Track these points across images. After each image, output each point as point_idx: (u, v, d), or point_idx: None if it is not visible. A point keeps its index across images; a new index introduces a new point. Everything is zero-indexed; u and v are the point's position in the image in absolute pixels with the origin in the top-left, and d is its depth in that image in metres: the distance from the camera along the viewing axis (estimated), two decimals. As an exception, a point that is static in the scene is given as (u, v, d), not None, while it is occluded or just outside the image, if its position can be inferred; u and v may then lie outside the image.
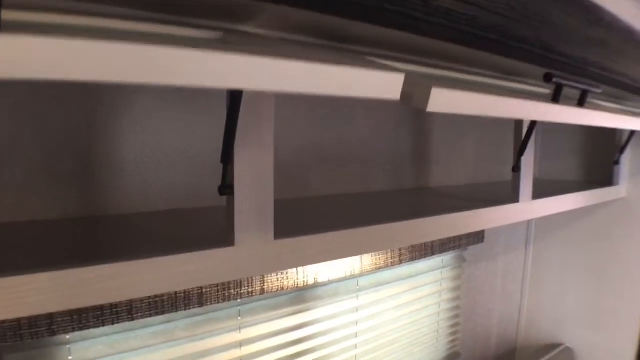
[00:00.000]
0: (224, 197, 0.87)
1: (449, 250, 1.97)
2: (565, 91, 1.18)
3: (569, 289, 2.63)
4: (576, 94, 1.28)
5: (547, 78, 1.04)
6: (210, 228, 1.02)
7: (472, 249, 2.30)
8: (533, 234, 2.74)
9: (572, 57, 1.29)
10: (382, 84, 0.64)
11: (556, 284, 2.68)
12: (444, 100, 0.71)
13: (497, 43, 1.04)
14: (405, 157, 1.83)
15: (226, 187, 0.85)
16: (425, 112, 0.73)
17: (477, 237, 2.08)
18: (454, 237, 1.92)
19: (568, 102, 1.19)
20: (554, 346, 2.58)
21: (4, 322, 1.02)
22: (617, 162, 2.24)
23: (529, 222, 2.73)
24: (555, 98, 1.06)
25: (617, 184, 2.26)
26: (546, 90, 1.51)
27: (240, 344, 1.49)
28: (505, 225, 2.53)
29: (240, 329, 1.49)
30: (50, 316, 1.08)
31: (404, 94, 0.69)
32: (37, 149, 1.04)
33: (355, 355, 1.85)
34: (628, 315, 2.41)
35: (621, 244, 2.41)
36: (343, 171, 1.61)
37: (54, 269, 0.68)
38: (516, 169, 1.52)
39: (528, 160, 1.54)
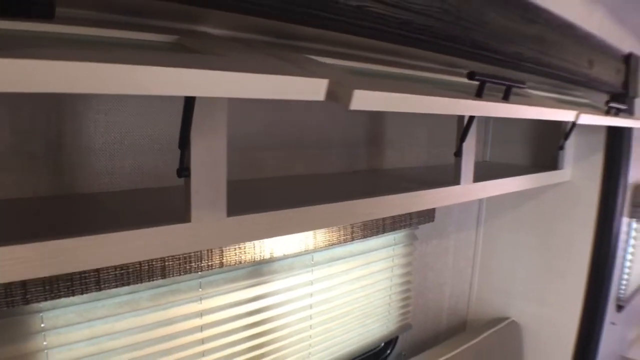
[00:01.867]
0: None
1: (400, 229, 2.09)
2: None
3: (516, 266, 2.79)
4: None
5: (470, 76, 1.16)
6: (172, 206, 1.13)
7: (424, 228, 2.44)
8: (484, 215, 2.89)
9: (506, 54, 1.42)
10: (309, 88, 0.76)
11: (505, 262, 2.84)
12: (366, 100, 0.83)
13: (431, 43, 1.16)
14: (360, 140, 1.95)
15: (183, 170, 0.96)
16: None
17: (427, 216, 2.21)
18: (405, 216, 2.05)
19: (496, 97, 1.31)
20: (501, 319, 2.75)
21: (-19, 291, 1.11)
22: (561, 148, 2.38)
23: (479, 203, 2.87)
24: (479, 93, 1.18)
25: (562, 168, 2.40)
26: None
27: (201, 314, 1.61)
28: (456, 206, 2.68)
29: (201, 299, 1.60)
30: (24, 286, 1.17)
31: (331, 94, 0.81)
32: (11, 133, 1.13)
33: (310, 326, 1.98)
34: (571, 291, 2.57)
35: (565, 224, 2.57)
36: (299, 154, 1.72)
37: (29, 242, 0.79)
38: (458, 154, 1.64)
39: (469, 146, 1.66)
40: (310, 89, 0.77)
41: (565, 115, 1.58)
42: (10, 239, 0.78)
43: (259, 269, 1.75)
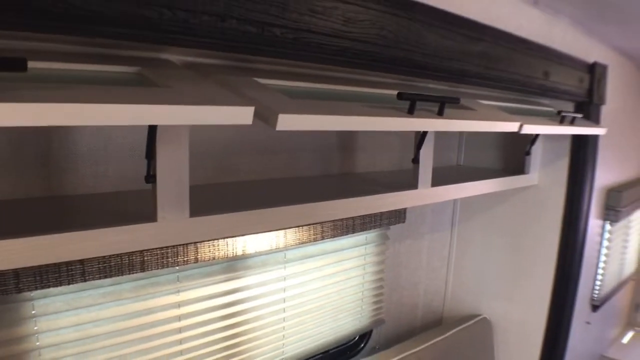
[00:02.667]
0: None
1: (370, 229, 2.28)
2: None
3: (488, 266, 2.98)
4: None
5: (399, 96, 1.34)
6: (146, 207, 1.32)
7: (396, 229, 2.62)
8: (458, 216, 3.07)
9: (450, 70, 1.61)
10: (239, 115, 0.96)
11: (478, 262, 3.03)
12: (290, 122, 1.03)
13: (370, 66, 1.35)
14: (333, 145, 2.14)
15: (150, 177, 1.15)
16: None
17: (398, 217, 2.39)
18: (374, 217, 2.23)
19: (432, 112, 1.50)
20: (473, 316, 2.93)
21: (-23, 280, 1.30)
22: (528, 153, 2.57)
23: (454, 205, 3.06)
24: (410, 111, 1.37)
25: (528, 172, 2.59)
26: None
27: (179, 305, 1.80)
28: (429, 208, 2.87)
29: (179, 292, 1.79)
30: (17, 276, 1.35)
31: (261, 117, 1.00)
32: (5, 141, 1.32)
33: (284, 318, 2.17)
34: (539, 290, 2.76)
35: (534, 226, 2.75)
36: (272, 159, 1.91)
37: (20, 236, 0.98)
38: (415, 160, 1.83)
39: (427, 153, 1.84)
40: (241, 115, 0.96)
41: (508, 126, 1.76)
42: (3, 234, 0.97)
43: (233, 265, 1.94)
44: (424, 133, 1.78)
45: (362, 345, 2.66)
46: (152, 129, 1.08)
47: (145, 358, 1.75)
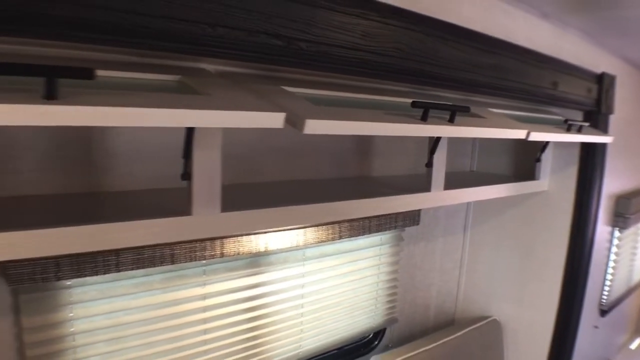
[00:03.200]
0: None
1: (385, 230, 2.41)
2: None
3: (499, 269, 3.10)
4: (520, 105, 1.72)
5: (413, 105, 1.48)
6: (179, 203, 1.45)
7: (411, 231, 2.75)
8: (470, 220, 3.20)
9: (461, 81, 1.74)
10: (269, 119, 1.10)
11: (489, 264, 3.15)
12: (316, 126, 1.16)
13: (388, 76, 1.49)
14: (350, 150, 2.28)
15: (186, 175, 1.29)
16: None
17: (412, 219, 2.52)
18: (390, 219, 2.36)
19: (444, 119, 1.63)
20: (484, 318, 3.05)
21: (22, 268, 1.43)
22: (538, 160, 2.69)
23: (467, 209, 3.19)
24: (424, 118, 1.50)
25: (538, 178, 2.70)
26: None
27: (205, 296, 1.94)
28: (443, 212, 3.00)
29: (205, 284, 1.93)
30: (57, 265, 1.49)
31: (290, 122, 1.14)
32: (49, 140, 1.46)
33: (302, 313, 2.30)
34: (547, 292, 2.87)
35: (543, 230, 2.87)
36: (293, 161, 2.04)
37: (63, 226, 1.11)
38: (429, 164, 1.95)
39: (440, 158, 1.96)
40: (271, 119, 1.10)
41: (516, 133, 1.89)
42: (47, 224, 1.10)
43: (256, 261, 2.08)
44: (437, 139, 1.90)
45: (376, 342, 2.79)
46: (190, 132, 1.22)
47: (172, 346, 1.89)
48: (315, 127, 1.17)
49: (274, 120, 1.12)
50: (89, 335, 1.69)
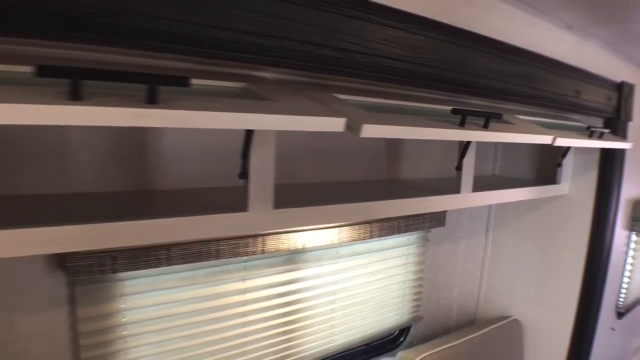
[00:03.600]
0: (235, 179, 1.43)
1: (413, 231, 2.53)
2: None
3: (519, 270, 3.22)
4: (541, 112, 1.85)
5: (453, 112, 1.61)
6: (228, 200, 1.57)
7: (436, 232, 2.87)
8: (492, 223, 3.31)
9: (495, 89, 1.86)
10: (333, 124, 1.23)
11: (510, 266, 3.27)
12: (371, 131, 1.29)
13: (430, 85, 1.61)
14: (381, 154, 2.40)
15: (243, 174, 1.41)
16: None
17: (438, 221, 2.64)
18: (417, 220, 2.49)
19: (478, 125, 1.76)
20: (505, 318, 3.16)
21: (80, 261, 1.56)
22: (559, 165, 2.80)
23: (488, 212, 3.31)
24: (462, 123, 1.63)
25: (559, 183, 2.82)
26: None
27: (245, 291, 2.07)
28: (466, 214, 3.12)
29: (245, 279, 2.06)
30: (113, 258, 1.62)
31: (348, 127, 1.27)
32: (107, 143, 1.59)
33: (333, 309, 2.43)
34: (567, 294, 2.98)
35: (563, 233, 2.98)
36: (329, 164, 2.17)
37: (119, 220, 1.23)
38: (459, 167, 2.07)
39: (469, 161, 2.08)
40: (334, 124, 1.23)
41: (543, 138, 2.01)
42: (106, 219, 1.22)
43: (293, 258, 2.21)
44: (467, 143, 2.02)
45: (402, 339, 2.92)
46: (249, 135, 1.35)
47: (214, 338, 2.02)
48: (370, 131, 1.30)
49: (336, 124, 1.24)
50: (139, 325, 1.82)
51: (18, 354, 1.58)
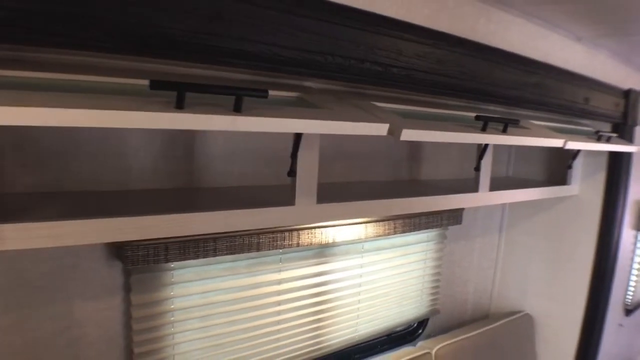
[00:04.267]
0: (275, 178, 1.65)
1: (432, 228, 2.74)
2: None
3: (531, 267, 3.45)
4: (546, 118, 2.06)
5: (476, 118, 1.83)
6: (274, 196, 1.78)
7: (453, 230, 3.09)
8: (506, 222, 3.53)
9: (511, 97, 2.08)
10: (377, 129, 1.46)
11: (522, 263, 3.50)
12: (410, 135, 1.52)
13: (454, 94, 1.84)
14: (403, 156, 2.63)
15: (292, 172, 1.63)
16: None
17: (456, 219, 2.85)
18: (436, 218, 2.69)
19: (498, 129, 1.98)
20: (517, 312, 3.38)
21: (138, 251, 1.75)
22: (570, 167, 3.02)
23: (502, 211, 3.53)
24: (484, 128, 1.85)
25: (570, 184, 3.03)
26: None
27: (280, 281, 2.28)
28: (481, 213, 3.33)
29: (280, 270, 2.28)
30: (166, 249, 1.82)
31: (390, 131, 1.49)
32: (160, 144, 1.80)
33: (359, 300, 2.65)
34: (576, 289, 3.20)
35: (573, 232, 3.20)
36: (356, 164, 2.40)
37: (176, 212, 1.43)
38: (477, 168, 2.29)
39: (486, 163, 2.30)
40: (378, 129, 1.47)
41: (554, 142, 2.22)
42: (166, 211, 1.41)
43: (323, 251, 2.43)
44: (485, 146, 2.24)
45: (420, 331, 3.14)
46: (298, 137, 1.56)
47: (251, 325, 2.23)
48: (409, 135, 1.52)
49: (380, 129, 1.48)
50: (185, 312, 2.02)
51: (77, 337, 1.78)
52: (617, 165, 3.00)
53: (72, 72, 1.21)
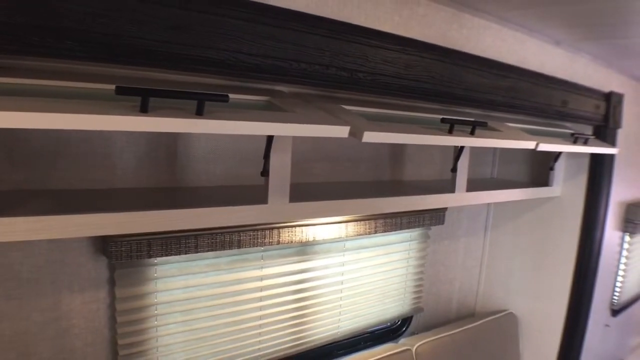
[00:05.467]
0: (256, 178, 1.75)
1: (414, 228, 2.84)
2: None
3: (516, 267, 3.55)
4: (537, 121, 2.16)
5: (442, 120, 1.94)
6: (251, 196, 1.88)
7: (437, 230, 3.21)
8: (491, 222, 3.63)
9: (482, 101, 2.18)
10: (338, 131, 1.57)
11: (507, 262, 3.60)
12: (372, 137, 1.63)
13: (422, 98, 1.94)
14: (385, 157, 2.73)
15: (265, 172, 1.73)
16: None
17: (438, 219, 2.95)
18: (418, 218, 2.79)
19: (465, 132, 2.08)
20: (501, 311, 3.48)
21: (121, 246, 1.85)
22: (552, 168, 3.12)
23: (487, 212, 3.63)
24: (450, 130, 1.96)
25: (552, 185, 3.13)
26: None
27: (262, 278, 2.39)
28: (465, 214, 3.44)
29: (262, 267, 2.38)
30: (149, 245, 1.91)
31: (351, 133, 1.60)
32: (144, 145, 1.91)
33: (341, 297, 2.76)
34: (559, 288, 3.30)
35: (556, 232, 3.30)
36: (337, 166, 2.51)
37: (153, 209, 1.53)
38: (454, 169, 2.39)
39: (463, 164, 2.40)
40: (340, 131, 1.57)
41: (526, 144, 2.32)
42: (144, 208, 1.52)
43: (304, 249, 2.53)
44: (461, 148, 2.34)
45: (404, 329, 3.25)
46: (270, 139, 1.67)
47: (233, 319, 2.33)
48: (370, 137, 1.63)
49: (341, 131, 1.58)
50: (168, 306, 2.12)
51: (65, 328, 1.89)
52: (599, 167, 3.09)
53: (48, 78, 1.33)
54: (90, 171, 1.81)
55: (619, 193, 3.45)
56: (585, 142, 2.75)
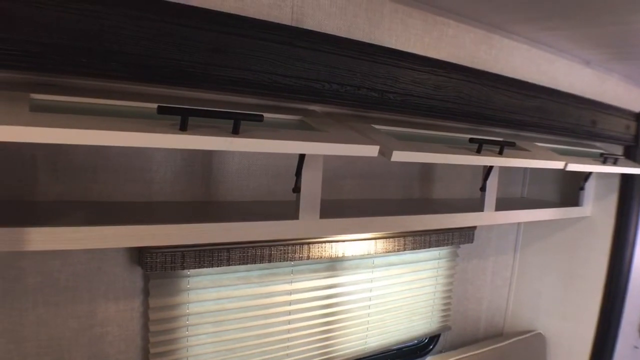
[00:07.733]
0: (288, 194, 1.83)
1: (443, 246, 2.89)
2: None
3: (545, 287, 3.56)
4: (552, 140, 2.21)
5: (470, 140, 1.99)
6: (283, 211, 1.94)
7: (466, 248, 3.25)
8: (520, 242, 3.66)
9: (511, 121, 2.23)
10: (369, 150, 1.63)
11: (535, 282, 3.62)
12: (401, 156, 1.69)
13: (450, 118, 2.00)
14: (414, 175, 2.79)
15: (297, 188, 1.80)
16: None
17: (467, 237, 2.99)
18: (447, 236, 2.84)
19: (491, 152, 2.13)
20: (529, 331, 3.50)
21: (156, 258, 1.94)
22: (582, 188, 3.14)
23: (517, 231, 3.66)
24: (479, 150, 2.01)
25: (582, 205, 3.16)
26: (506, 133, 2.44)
27: (291, 292, 2.46)
28: (494, 233, 3.48)
29: (292, 282, 2.45)
30: (183, 256, 2.00)
31: (381, 152, 1.67)
32: (180, 160, 2.00)
33: (368, 313, 2.81)
34: (588, 309, 3.31)
35: (586, 252, 3.32)
36: (367, 183, 2.57)
37: (188, 222, 1.60)
38: (483, 188, 2.44)
39: (492, 183, 2.44)
40: (369, 150, 1.64)
41: (555, 164, 2.36)
42: (179, 221, 1.59)
43: (333, 265, 2.59)
44: (490, 167, 2.39)
45: (431, 347, 3.28)
46: (302, 157, 1.74)
47: (262, 332, 2.40)
48: (399, 156, 1.70)
49: (371, 151, 1.64)
50: (199, 317, 2.19)
51: (99, 335, 1.97)
52: (629, 188, 3.11)
53: (95, 96, 1.42)
54: (128, 184, 1.90)
55: None
56: (615, 162, 2.78)
